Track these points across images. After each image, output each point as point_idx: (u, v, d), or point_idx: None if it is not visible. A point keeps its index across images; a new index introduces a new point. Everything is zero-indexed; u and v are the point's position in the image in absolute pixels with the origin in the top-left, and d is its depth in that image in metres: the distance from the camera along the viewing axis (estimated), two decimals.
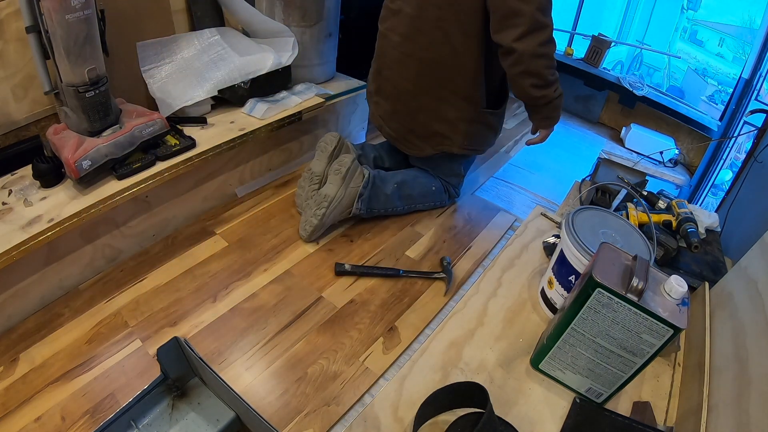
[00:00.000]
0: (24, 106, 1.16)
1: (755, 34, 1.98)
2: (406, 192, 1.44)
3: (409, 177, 1.45)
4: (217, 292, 1.15)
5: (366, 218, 1.42)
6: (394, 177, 1.43)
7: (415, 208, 1.49)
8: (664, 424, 0.88)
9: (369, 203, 1.36)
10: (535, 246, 1.29)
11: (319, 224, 1.30)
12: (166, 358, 0.80)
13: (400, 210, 1.46)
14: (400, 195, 1.43)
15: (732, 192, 1.56)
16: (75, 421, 0.86)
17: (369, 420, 0.83)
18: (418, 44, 1.26)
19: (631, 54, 3.88)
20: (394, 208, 1.44)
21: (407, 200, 1.45)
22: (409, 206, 1.47)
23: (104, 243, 1.17)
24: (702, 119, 2.03)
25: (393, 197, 1.41)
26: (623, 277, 0.74)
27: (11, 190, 1.07)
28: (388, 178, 1.41)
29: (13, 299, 1.03)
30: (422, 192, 1.46)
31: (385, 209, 1.42)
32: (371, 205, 1.37)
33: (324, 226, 1.33)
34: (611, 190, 1.41)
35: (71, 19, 0.95)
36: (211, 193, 1.42)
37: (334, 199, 1.29)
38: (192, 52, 1.42)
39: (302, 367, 0.99)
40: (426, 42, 1.24)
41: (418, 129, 1.38)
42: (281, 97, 1.54)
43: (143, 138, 1.17)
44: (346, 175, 1.30)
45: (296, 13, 1.53)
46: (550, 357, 0.88)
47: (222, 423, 0.81)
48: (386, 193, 1.39)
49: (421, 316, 1.13)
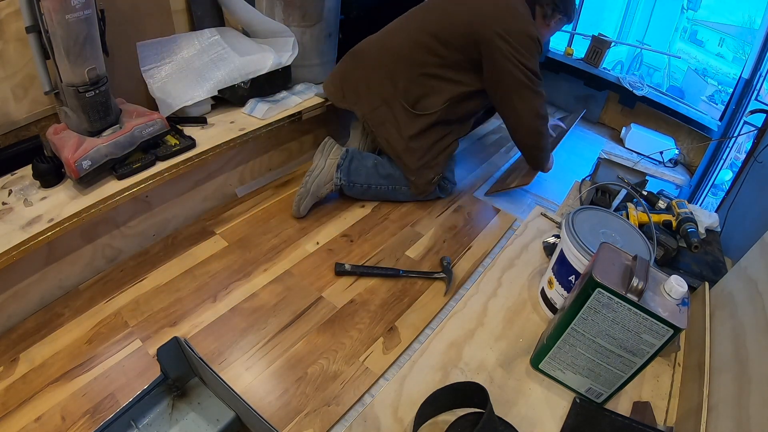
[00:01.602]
0: (24, 106, 1.16)
1: (755, 34, 1.98)
2: (387, 170, 1.45)
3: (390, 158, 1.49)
4: (217, 292, 1.15)
5: (354, 197, 1.47)
6: (375, 154, 1.49)
7: (401, 191, 1.48)
8: (664, 424, 0.88)
9: (349, 175, 1.40)
10: (535, 246, 1.29)
11: (303, 191, 1.36)
12: (166, 358, 0.80)
13: (384, 189, 1.47)
14: (381, 172, 1.45)
15: (732, 192, 1.56)
16: (75, 421, 0.86)
17: (369, 420, 0.83)
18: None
19: (631, 54, 3.88)
20: (378, 185, 1.45)
21: (389, 179, 1.46)
22: (392, 186, 1.47)
23: (104, 243, 1.17)
24: (702, 119, 2.03)
25: (374, 172, 1.44)
26: (623, 277, 0.74)
27: (11, 190, 1.07)
28: (368, 155, 1.47)
29: (13, 299, 1.03)
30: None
31: (368, 184, 1.44)
32: (352, 178, 1.41)
33: (309, 195, 1.37)
34: (611, 190, 1.41)
35: (71, 19, 0.95)
36: (211, 193, 1.42)
37: (315, 168, 1.38)
38: (192, 52, 1.42)
39: (302, 367, 0.99)
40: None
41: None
42: (281, 97, 1.54)
43: (143, 138, 1.17)
44: (324, 149, 1.40)
45: (296, 13, 1.53)
46: (550, 357, 0.88)
47: (222, 423, 0.81)
48: (366, 166, 1.43)
49: (421, 316, 1.13)
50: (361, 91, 1.43)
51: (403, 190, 1.48)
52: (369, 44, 1.47)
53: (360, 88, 1.44)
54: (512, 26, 1.28)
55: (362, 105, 1.44)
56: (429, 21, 1.37)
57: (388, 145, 1.43)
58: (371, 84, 1.41)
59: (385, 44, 1.43)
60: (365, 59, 1.45)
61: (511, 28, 1.28)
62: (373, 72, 1.41)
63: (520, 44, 1.28)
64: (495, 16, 1.29)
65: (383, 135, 1.43)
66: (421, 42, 1.35)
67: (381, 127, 1.43)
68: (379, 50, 1.43)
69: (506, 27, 1.27)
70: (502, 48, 1.28)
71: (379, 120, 1.42)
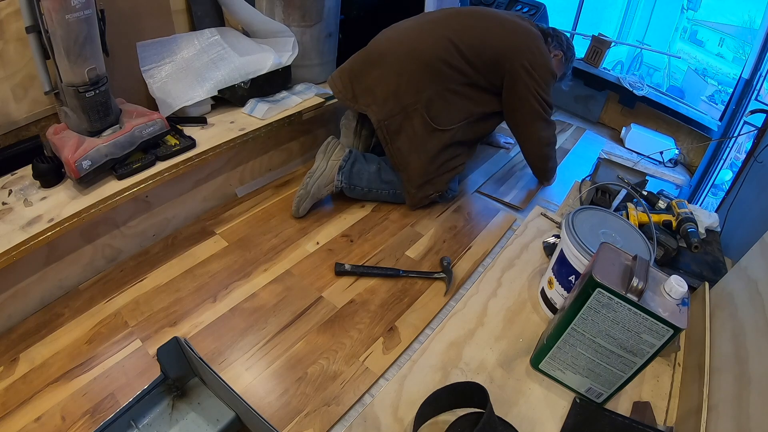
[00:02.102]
0: (24, 106, 1.16)
1: (755, 34, 1.97)
2: (390, 176, 1.44)
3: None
4: (217, 292, 1.15)
5: (354, 198, 1.46)
6: (379, 158, 1.46)
7: (401, 196, 1.47)
8: (664, 424, 0.88)
9: (350, 179, 1.39)
10: (535, 246, 1.29)
11: (304, 193, 1.36)
12: (166, 358, 0.80)
13: (385, 194, 1.46)
14: (384, 177, 1.44)
15: (732, 192, 1.56)
16: (75, 421, 0.86)
17: (369, 420, 0.83)
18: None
19: (631, 54, 3.88)
20: (379, 190, 1.45)
21: (390, 185, 1.45)
22: (393, 191, 1.46)
23: (104, 243, 1.17)
24: (702, 119, 2.03)
25: (376, 177, 1.42)
26: (623, 277, 0.74)
27: (11, 190, 1.07)
28: (372, 158, 1.45)
29: (13, 299, 1.03)
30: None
31: (369, 188, 1.43)
32: (353, 182, 1.40)
33: (309, 196, 1.36)
34: (611, 190, 1.41)
35: (71, 19, 0.96)
36: (211, 193, 1.42)
37: (317, 170, 1.37)
38: (192, 52, 1.42)
39: (302, 367, 0.99)
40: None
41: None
42: (281, 97, 1.54)
43: (143, 138, 1.17)
44: (327, 150, 1.39)
45: (296, 13, 1.53)
46: (550, 357, 0.88)
47: (222, 423, 0.81)
48: (369, 170, 1.42)
49: (421, 316, 1.13)
50: (378, 93, 1.34)
51: (404, 195, 1.48)
52: (390, 44, 1.37)
53: (377, 91, 1.34)
54: (538, 60, 1.35)
55: (378, 109, 1.34)
56: (458, 37, 1.32)
57: (399, 155, 1.38)
58: (392, 89, 1.32)
59: (411, 49, 1.33)
60: (386, 61, 1.34)
61: (536, 63, 1.35)
62: (397, 77, 1.32)
63: (542, 78, 1.36)
64: (523, 49, 1.35)
65: (396, 144, 1.36)
66: (448, 56, 1.31)
67: (396, 136, 1.36)
68: (406, 55, 1.33)
69: (532, 61, 1.34)
70: (527, 81, 1.34)
71: (395, 128, 1.35)
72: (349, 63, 1.43)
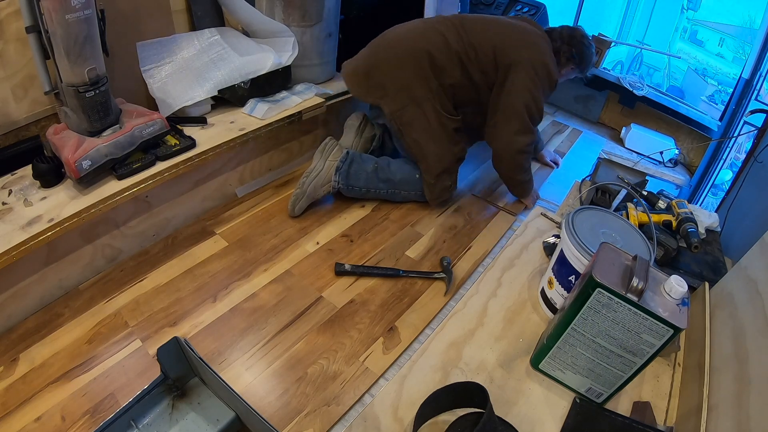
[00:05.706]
0: (24, 106, 1.16)
1: (755, 34, 1.97)
2: (386, 175, 1.45)
3: (393, 161, 1.48)
4: (217, 292, 1.15)
5: (352, 197, 1.46)
6: (375, 158, 1.47)
7: (399, 194, 1.48)
8: (664, 424, 0.88)
9: (347, 179, 1.40)
10: (535, 246, 1.29)
11: (299, 192, 1.37)
12: (166, 358, 0.80)
13: (383, 193, 1.47)
14: (381, 177, 1.44)
15: (732, 192, 1.56)
16: (75, 421, 0.86)
17: (369, 420, 0.83)
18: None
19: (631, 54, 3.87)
20: (377, 189, 1.45)
21: (388, 184, 1.45)
22: (391, 190, 1.47)
23: (104, 243, 1.17)
24: (702, 119, 2.03)
25: (373, 177, 1.43)
26: (623, 277, 0.74)
27: (11, 190, 1.07)
28: (368, 158, 1.45)
29: (13, 299, 1.03)
30: (405, 178, 1.46)
31: (367, 188, 1.44)
32: (350, 182, 1.41)
33: (305, 196, 1.37)
34: (611, 190, 1.41)
35: (71, 19, 0.95)
36: (211, 193, 1.42)
37: (314, 170, 1.38)
38: (192, 52, 1.42)
39: (302, 367, 0.99)
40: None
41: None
42: (281, 97, 1.54)
43: (143, 138, 1.17)
44: (324, 150, 1.40)
45: (296, 13, 1.53)
46: (550, 357, 0.88)
47: (222, 423, 0.81)
48: (366, 170, 1.42)
49: (421, 316, 1.13)
50: (389, 87, 1.38)
51: (401, 194, 1.48)
52: (400, 41, 1.40)
53: (387, 84, 1.38)
54: (542, 60, 1.37)
55: (390, 102, 1.38)
56: (465, 32, 1.37)
57: (416, 146, 1.41)
58: (404, 82, 1.36)
59: (426, 45, 1.35)
60: (398, 56, 1.37)
61: (540, 62, 1.37)
62: (410, 71, 1.35)
63: (541, 79, 1.37)
64: (531, 47, 1.38)
65: (411, 135, 1.40)
66: (453, 55, 1.35)
67: (409, 127, 1.39)
68: (421, 52, 1.35)
69: (537, 59, 1.36)
70: (528, 73, 1.35)
71: (407, 119, 1.38)
72: (364, 59, 1.45)
